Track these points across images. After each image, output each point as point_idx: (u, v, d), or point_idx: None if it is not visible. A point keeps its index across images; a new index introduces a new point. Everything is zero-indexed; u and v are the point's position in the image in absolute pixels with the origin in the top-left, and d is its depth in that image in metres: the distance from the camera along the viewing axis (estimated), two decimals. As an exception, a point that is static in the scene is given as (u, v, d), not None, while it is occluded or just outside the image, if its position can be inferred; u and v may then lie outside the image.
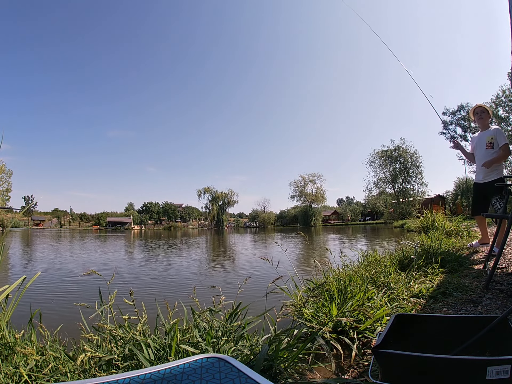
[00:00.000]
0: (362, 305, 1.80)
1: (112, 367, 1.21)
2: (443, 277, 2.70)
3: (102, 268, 6.68)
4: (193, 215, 78.84)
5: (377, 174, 36.25)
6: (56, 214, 76.10)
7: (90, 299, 1.61)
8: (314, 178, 57.21)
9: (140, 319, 1.40)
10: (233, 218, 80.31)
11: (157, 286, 4.73)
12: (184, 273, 6.09)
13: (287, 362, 1.29)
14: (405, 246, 3.91)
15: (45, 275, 5.65)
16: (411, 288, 2.36)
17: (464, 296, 2.17)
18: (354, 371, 1.37)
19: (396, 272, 2.77)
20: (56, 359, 1.22)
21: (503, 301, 1.99)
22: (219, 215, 64.76)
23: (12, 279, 5.37)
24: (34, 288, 4.06)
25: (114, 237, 23.96)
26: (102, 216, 72.71)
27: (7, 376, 1.10)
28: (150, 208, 77.29)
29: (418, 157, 33.96)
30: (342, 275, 2.43)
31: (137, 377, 0.68)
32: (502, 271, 2.82)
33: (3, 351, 1.23)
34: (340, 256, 2.91)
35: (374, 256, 3.44)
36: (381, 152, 35.41)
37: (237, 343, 1.43)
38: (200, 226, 68.41)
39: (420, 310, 1.99)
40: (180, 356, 1.24)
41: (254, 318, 1.60)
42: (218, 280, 5.09)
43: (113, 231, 44.85)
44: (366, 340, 1.62)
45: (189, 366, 0.73)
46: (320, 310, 1.82)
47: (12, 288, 1.55)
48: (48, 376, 1.13)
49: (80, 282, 4.81)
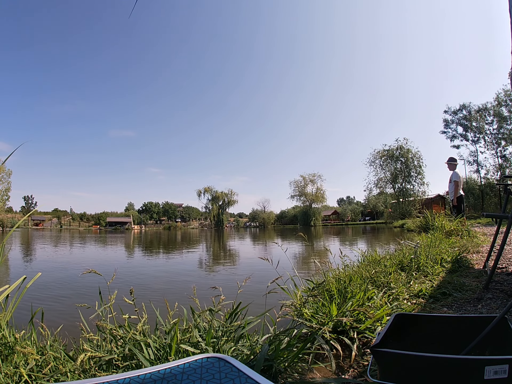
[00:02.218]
0: (362, 305, 1.80)
1: (112, 367, 1.22)
2: (443, 277, 2.70)
3: (102, 268, 6.68)
4: (193, 215, 78.85)
5: (377, 174, 36.24)
6: (56, 214, 76.07)
7: (90, 298, 1.61)
8: (314, 178, 57.21)
9: (140, 319, 1.40)
10: (233, 218, 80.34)
11: (157, 286, 4.73)
12: (184, 273, 6.09)
13: (287, 362, 1.29)
14: (405, 246, 3.91)
15: (45, 275, 5.65)
16: (411, 288, 2.36)
17: (464, 296, 2.17)
18: (354, 370, 1.37)
19: (396, 272, 2.77)
20: (56, 359, 1.22)
21: (503, 301, 1.99)
22: (219, 215, 64.76)
23: (12, 279, 5.37)
24: (34, 288, 4.06)
25: (114, 238, 23.95)
26: (102, 216, 72.71)
27: (7, 376, 1.10)
28: (150, 208, 77.30)
29: (419, 157, 33.95)
30: (342, 275, 2.43)
31: (137, 377, 0.68)
32: (502, 271, 2.82)
33: (3, 351, 1.23)
34: (340, 256, 2.91)
35: (374, 256, 3.44)
36: (382, 152, 35.37)
37: (237, 343, 1.43)
38: (200, 226, 68.40)
39: (420, 310, 1.99)
40: (180, 356, 1.24)
41: (254, 318, 1.60)
42: (218, 280, 5.09)
43: (113, 231, 44.84)
44: (366, 340, 1.62)
45: (189, 366, 0.73)
46: (320, 310, 1.82)
47: (12, 288, 1.55)
48: (48, 376, 1.14)
49: (80, 282, 4.82)
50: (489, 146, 27.01)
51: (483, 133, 26.91)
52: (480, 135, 27.05)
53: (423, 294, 2.24)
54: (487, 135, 26.97)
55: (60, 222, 71.69)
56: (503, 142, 26.34)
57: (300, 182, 57.58)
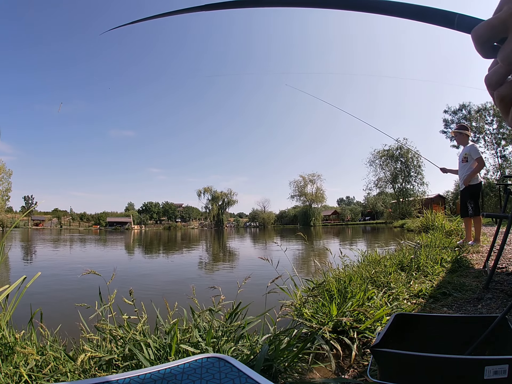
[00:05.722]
0: (362, 305, 1.80)
1: (112, 367, 1.22)
2: (443, 277, 2.70)
3: (102, 269, 6.68)
4: (193, 215, 78.84)
5: (377, 174, 36.28)
6: (56, 214, 76.04)
7: (90, 299, 1.61)
8: (314, 178, 57.29)
9: (140, 319, 1.40)
10: (233, 218, 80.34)
11: (157, 286, 4.73)
12: (184, 273, 6.09)
13: (287, 362, 1.29)
14: (405, 246, 3.91)
15: (45, 275, 5.64)
16: (411, 288, 2.36)
17: (464, 296, 2.17)
18: (354, 370, 1.37)
19: (396, 272, 2.77)
20: (56, 359, 1.22)
21: (503, 301, 1.99)
22: (219, 215, 64.80)
23: (12, 279, 5.37)
24: (34, 288, 4.06)
25: (114, 238, 23.95)
26: (102, 216, 72.71)
27: (7, 376, 1.10)
28: (150, 208, 77.30)
29: (419, 157, 33.95)
30: (342, 275, 2.43)
31: (137, 377, 0.68)
32: (502, 271, 2.82)
33: (3, 351, 1.23)
34: (340, 256, 2.91)
35: (374, 256, 3.44)
36: (382, 152, 35.40)
37: (237, 343, 1.43)
38: (200, 226, 68.39)
39: (420, 309, 1.99)
40: (180, 356, 1.24)
41: (254, 318, 1.60)
42: (217, 280, 5.09)
43: (113, 231, 44.84)
44: (366, 340, 1.62)
45: (189, 366, 0.73)
46: (320, 310, 1.82)
47: (12, 288, 1.55)
48: (48, 376, 1.13)
49: (80, 282, 4.81)
50: (489, 146, 27.04)
51: (483, 133, 26.93)
52: (480, 135, 27.06)
53: (423, 294, 2.24)
54: (487, 135, 26.99)
55: (60, 222, 71.68)
56: (503, 142, 26.37)
57: (300, 182, 57.67)
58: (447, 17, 0.28)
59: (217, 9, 0.35)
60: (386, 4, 0.30)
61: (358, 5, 0.30)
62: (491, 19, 0.26)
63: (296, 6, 0.35)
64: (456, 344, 1.21)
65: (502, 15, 0.25)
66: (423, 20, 0.29)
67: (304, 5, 0.34)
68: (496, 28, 0.25)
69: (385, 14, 0.30)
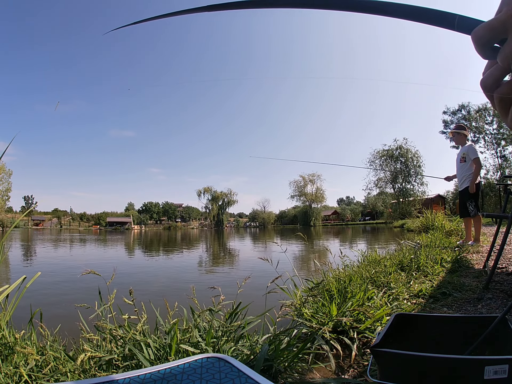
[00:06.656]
0: (362, 305, 1.80)
1: (112, 367, 1.21)
2: (443, 277, 2.70)
3: (102, 268, 6.68)
4: (193, 215, 78.86)
5: (377, 174, 36.30)
6: (56, 214, 76.05)
7: (90, 299, 1.61)
8: (314, 178, 57.30)
9: (140, 319, 1.40)
10: (233, 218, 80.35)
11: (157, 286, 4.73)
12: (184, 273, 6.09)
13: (287, 362, 1.29)
14: (405, 246, 3.91)
15: (45, 275, 5.64)
16: (411, 288, 2.36)
17: (464, 296, 2.17)
18: (354, 370, 1.37)
19: (396, 272, 2.77)
20: (56, 359, 1.22)
21: (503, 301, 1.99)
22: (219, 215, 64.80)
23: (12, 279, 5.37)
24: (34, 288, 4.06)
25: (113, 238, 23.94)
26: (102, 216, 72.71)
27: (7, 376, 1.10)
28: (150, 208, 77.29)
29: (419, 157, 33.99)
30: (342, 275, 2.43)
31: (137, 377, 0.68)
32: (502, 271, 2.82)
33: (3, 351, 1.23)
34: (340, 256, 2.91)
35: (374, 256, 3.44)
36: (382, 152, 35.42)
37: (237, 343, 1.43)
38: (200, 226, 68.40)
39: (420, 309, 1.99)
40: (180, 356, 1.24)
41: (254, 318, 1.60)
42: (217, 280, 5.09)
43: (113, 231, 44.82)
44: (366, 340, 1.62)
45: (189, 366, 0.73)
46: (320, 310, 1.82)
47: (12, 288, 1.55)
48: (48, 376, 1.13)
49: (80, 282, 4.81)
50: (488, 146, 27.05)
51: (482, 133, 26.94)
52: (479, 135, 27.08)
53: (423, 294, 2.24)
54: (487, 135, 27.00)
55: (60, 222, 71.70)
56: (502, 142, 26.38)
57: (300, 182, 57.70)
58: (448, 19, 0.28)
59: (219, 10, 0.35)
60: (387, 5, 0.30)
61: (359, 6, 0.30)
62: (491, 21, 0.26)
63: (296, 7, 0.35)
64: (456, 344, 1.21)
65: (502, 16, 0.25)
66: (424, 21, 0.29)
67: (304, 6, 0.34)
68: (496, 29, 0.26)
69: (386, 15, 0.30)
